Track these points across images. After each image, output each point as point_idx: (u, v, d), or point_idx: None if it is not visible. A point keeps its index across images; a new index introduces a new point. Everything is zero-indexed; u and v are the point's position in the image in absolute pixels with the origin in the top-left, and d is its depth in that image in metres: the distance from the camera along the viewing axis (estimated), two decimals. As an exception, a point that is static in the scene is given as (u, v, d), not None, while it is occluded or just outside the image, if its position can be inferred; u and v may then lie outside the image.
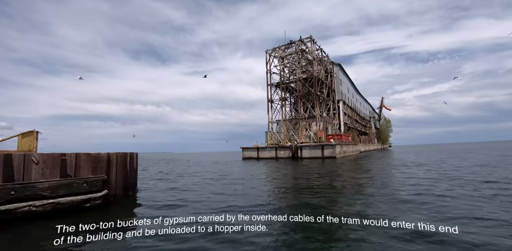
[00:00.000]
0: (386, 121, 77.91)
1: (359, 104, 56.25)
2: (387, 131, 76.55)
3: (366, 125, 61.70)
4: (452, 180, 8.07)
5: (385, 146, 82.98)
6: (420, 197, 5.68)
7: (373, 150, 55.10)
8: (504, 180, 7.61)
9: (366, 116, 65.08)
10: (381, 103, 79.06)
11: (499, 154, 22.14)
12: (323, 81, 33.85)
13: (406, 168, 12.43)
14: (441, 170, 10.91)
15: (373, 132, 68.55)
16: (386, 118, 78.84)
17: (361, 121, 55.76)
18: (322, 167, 15.05)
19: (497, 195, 5.67)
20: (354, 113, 47.68)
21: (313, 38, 31.06)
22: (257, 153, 29.84)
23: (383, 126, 76.56)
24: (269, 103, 33.15)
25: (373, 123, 73.11)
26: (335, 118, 37.01)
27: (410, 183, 7.67)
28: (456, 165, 13.34)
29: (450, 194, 5.91)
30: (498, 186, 6.76)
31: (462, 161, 16.08)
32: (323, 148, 24.90)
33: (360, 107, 57.00)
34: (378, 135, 74.80)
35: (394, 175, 10.05)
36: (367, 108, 67.94)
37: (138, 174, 7.56)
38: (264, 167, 16.87)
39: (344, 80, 42.31)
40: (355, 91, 53.32)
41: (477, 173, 9.43)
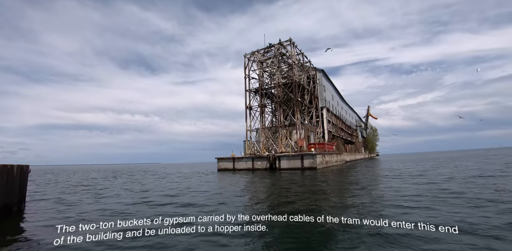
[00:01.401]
0: (373, 130, 77.20)
1: (345, 112, 54.98)
2: (374, 140, 75.55)
3: (353, 133, 60.32)
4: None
5: (373, 155, 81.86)
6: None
7: (360, 160, 53.36)
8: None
9: (353, 124, 63.91)
10: (367, 112, 78.67)
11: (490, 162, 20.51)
12: (305, 87, 32.05)
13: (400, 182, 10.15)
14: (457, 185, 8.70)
15: (360, 141, 67.27)
16: (372, 127, 78.21)
17: (347, 130, 54.28)
18: (300, 180, 12.61)
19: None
20: (339, 121, 46.07)
21: (293, 41, 29.46)
22: (233, 164, 27.17)
23: (370, 135, 75.64)
24: (247, 110, 30.85)
25: (360, 132, 72.10)
26: (318, 126, 35.07)
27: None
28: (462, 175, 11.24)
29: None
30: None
31: (462, 171, 14.06)
32: (303, 158, 22.56)
33: (346, 116, 55.71)
34: (365, 144, 73.64)
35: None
36: (353, 116, 66.97)
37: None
38: (232, 181, 14.26)
39: (328, 87, 40.86)
40: (340, 99, 52.09)
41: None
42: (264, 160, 24.74)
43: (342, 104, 53.58)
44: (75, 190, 12.00)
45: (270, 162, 24.28)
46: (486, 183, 9.09)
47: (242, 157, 26.67)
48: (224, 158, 28.11)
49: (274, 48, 29.77)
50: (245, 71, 31.73)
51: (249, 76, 31.86)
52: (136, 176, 22.14)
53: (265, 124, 30.78)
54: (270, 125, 31.63)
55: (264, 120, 30.82)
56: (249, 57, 31.93)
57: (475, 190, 7.77)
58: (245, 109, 30.87)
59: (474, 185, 8.74)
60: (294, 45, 30.07)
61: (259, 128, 30.13)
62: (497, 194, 7.01)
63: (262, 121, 30.13)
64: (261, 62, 31.40)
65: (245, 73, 31.68)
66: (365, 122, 78.17)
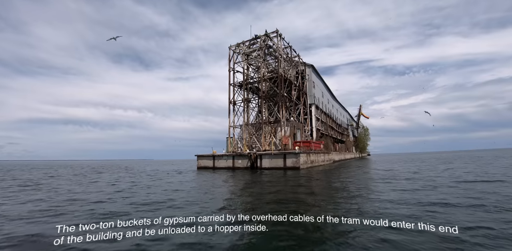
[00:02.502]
0: (364, 129, 76.31)
1: (336, 110, 53.72)
2: (365, 140, 74.72)
3: (343, 132, 59.21)
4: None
5: (364, 155, 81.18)
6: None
7: (350, 159, 52.24)
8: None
9: (344, 123, 62.81)
10: (359, 111, 77.75)
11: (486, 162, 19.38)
12: (292, 82, 30.41)
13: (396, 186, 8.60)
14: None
15: (351, 141, 66.28)
16: (364, 126, 77.36)
17: (338, 128, 53.07)
18: (278, 182, 10.96)
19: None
20: (329, 119, 44.73)
21: (280, 33, 27.73)
22: (213, 162, 25.43)
23: (361, 134, 74.77)
24: (231, 105, 29.06)
25: (351, 131, 71.14)
26: (306, 123, 33.56)
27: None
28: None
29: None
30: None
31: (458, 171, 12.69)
32: (285, 157, 20.97)
33: (337, 114, 54.48)
34: (356, 144, 72.76)
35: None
36: (344, 115, 65.88)
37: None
38: (202, 182, 12.53)
39: (318, 83, 39.37)
40: (331, 97, 50.76)
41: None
42: (245, 158, 23.07)
43: (333, 102, 52.28)
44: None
45: (252, 161, 22.62)
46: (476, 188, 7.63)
47: (223, 155, 24.94)
48: (204, 155, 26.34)
49: (260, 39, 28.00)
50: (229, 64, 29.89)
51: (234, 69, 30.04)
52: (105, 174, 20.12)
53: (249, 120, 29.05)
54: (254, 121, 29.92)
55: (248, 116, 29.08)
56: (234, 49, 30.07)
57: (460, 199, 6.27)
58: (228, 104, 29.07)
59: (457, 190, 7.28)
60: (281, 38, 28.37)
61: (243, 124, 28.39)
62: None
63: (245, 117, 28.38)
64: (246, 55, 29.59)
65: (230, 66, 29.84)
66: (356, 121, 77.27)
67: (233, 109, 29.08)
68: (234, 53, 30.06)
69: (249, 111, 29.32)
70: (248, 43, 29.19)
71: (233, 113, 28.92)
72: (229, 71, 29.74)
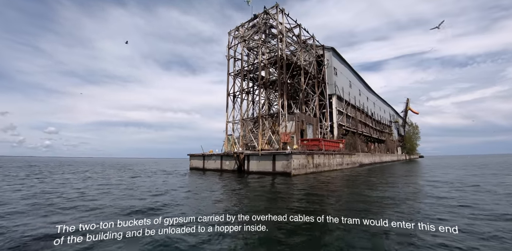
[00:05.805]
0: (413, 127, 64.31)
1: (372, 104, 45.51)
2: (414, 139, 62.84)
3: (383, 130, 50.18)
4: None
5: (413, 157, 68.77)
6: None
7: (390, 162, 43.47)
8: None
9: (385, 119, 53.46)
10: (406, 105, 66.05)
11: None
12: (302, 67, 25.05)
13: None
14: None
15: (394, 140, 56.15)
16: (413, 124, 65.35)
17: (375, 125, 44.82)
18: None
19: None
20: (360, 114, 37.47)
21: (282, 8, 22.83)
22: (203, 162, 22.09)
23: (409, 133, 63.16)
24: (229, 97, 25.27)
25: (396, 129, 60.56)
26: (324, 118, 27.81)
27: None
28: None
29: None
30: None
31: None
32: (275, 159, 16.27)
33: (374, 108, 46.16)
34: (403, 144, 61.73)
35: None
36: (386, 110, 56.20)
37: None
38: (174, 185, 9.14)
39: (343, 69, 32.88)
40: (365, 87, 42.93)
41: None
42: (233, 159, 19.04)
43: (368, 94, 44.29)
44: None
45: (239, 163, 18.47)
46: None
47: (212, 154, 21.35)
48: (195, 155, 23.20)
49: (259, 18, 23.54)
50: (228, 51, 26.15)
51: (234, 57, 26.23)
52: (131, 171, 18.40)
53: (248, 114, 24.87)
54: (257, 115, 25.59)
55: (247, 109, 24.94)
56: (233, 34, 26.23)
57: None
58: (227, 96, 25.32)
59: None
60: (285, 14, 23.41)
61: (240, 119, 24.34)
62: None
63: (242, 110, 24.28)
64: (245, 41, 25.41)
65: (228, 53, 26.10)
66: (403, 118, 65.82)
67: (233, 102, 25.28)
68: (234, 38, 26.22)
69: (248, 103, 25.16)
70: (247, 24, 24.99)
71: (233, 106, 25.13)
72: (228, 59, 26.01)
